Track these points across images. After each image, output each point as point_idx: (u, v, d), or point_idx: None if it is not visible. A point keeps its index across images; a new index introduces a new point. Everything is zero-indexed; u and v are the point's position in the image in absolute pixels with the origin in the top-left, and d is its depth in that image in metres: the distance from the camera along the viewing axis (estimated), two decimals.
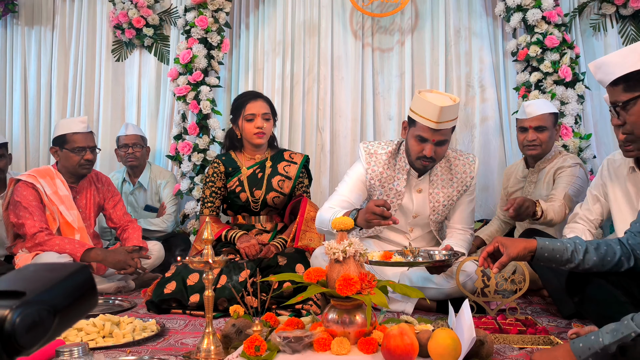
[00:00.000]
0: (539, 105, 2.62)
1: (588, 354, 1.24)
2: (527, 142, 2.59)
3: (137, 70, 3.84)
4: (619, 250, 1.50)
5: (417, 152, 2.18)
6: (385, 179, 2.31)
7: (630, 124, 1.33)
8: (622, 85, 1.32)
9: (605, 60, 1.36)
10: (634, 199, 2.08)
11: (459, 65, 3.58)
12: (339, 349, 1.36)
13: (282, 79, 3.66)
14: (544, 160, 2.65)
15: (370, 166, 2.31)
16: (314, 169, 3.59)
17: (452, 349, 1.30)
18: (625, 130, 1.36)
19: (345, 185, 2.33)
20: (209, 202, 2.60)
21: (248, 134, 2.57)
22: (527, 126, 2.59)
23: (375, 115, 3.64)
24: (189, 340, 1.78)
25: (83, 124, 2.74)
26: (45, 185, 2.65)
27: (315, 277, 1.48)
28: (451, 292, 2.18)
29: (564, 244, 1.53)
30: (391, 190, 2.31)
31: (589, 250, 1.51)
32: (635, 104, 1.30)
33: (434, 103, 2.05)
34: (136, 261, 2.58)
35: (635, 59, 1.29)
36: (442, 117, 2.06)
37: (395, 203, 2.32)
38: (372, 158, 2.31)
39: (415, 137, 2.16)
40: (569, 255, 1.51)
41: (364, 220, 2.01)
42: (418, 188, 2.32)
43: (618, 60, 1.33)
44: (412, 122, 2.18)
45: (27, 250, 2.58)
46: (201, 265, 1.54)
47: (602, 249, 1.51)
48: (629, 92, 1.31)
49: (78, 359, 1.24)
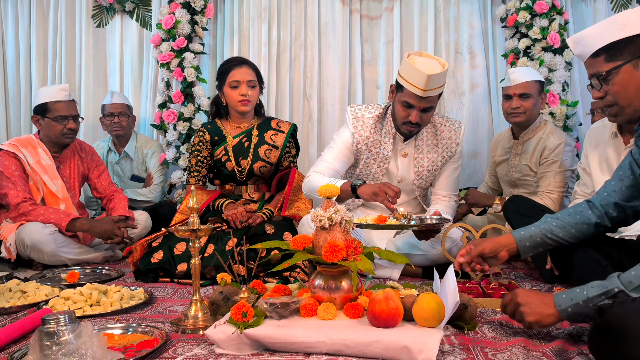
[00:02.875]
0: (523, 72, 2.59)
1: (569, 304, 1.26)
2: (510, 109, 2.58)
3: (118, 37, 3.74)
4: (592, 216, 1.52)
5: (403, 118, 2.18)
6: (372, 143, 2.31)
7: (613, 94, 1.33)
8: (603, 56, 1.32)
9: (584, 34, 1.37)
10: (614, 164, 2.11)
11: (447, 32, 3.54)
12: (325, 314, 1.38)
13: (268, 46, 3.59)
14: (528, 131, 2.64)
15: (357, 130, 2.30)
16: (302, 137, 3.56)
17: (435, 313, 1.33)
18: (607, 102, 1.36)
19: (331, 151, 2.33)
20: (195, 171, 2.58)
21: (232, 101, 2.53)
22: (511, 93, 2.57)
23: (363, 84, 3.60)
24: (177, 308, 1.79)
25: (65, 92, 2.68)
26: (27, 155, 2.61)
27: (302, 244, 1.48)
28: (437, 258, 2.21)
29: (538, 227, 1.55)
30: (378, 154, 2.32)
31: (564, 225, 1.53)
32: (617, 73, 1.30)
33: (422, 71, 2.04)
34: (123, 231, 2.57)
35: (614, 29, 1.30)
36: (429, 84, 2.05)
37: (382, 167, 2.33)
38: (359, 122, 2.31)
39: (402, 102, 2.16)
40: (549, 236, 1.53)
41: (370, 191, 2.02)
42: (403, 152, 2.33)
43: (597, 32, 1.33)
44: (400, 87, 2.17)
45: (12, 220, 2.55)
46: (187, 233, 1.53)
47: (575, 218, 1.53)
48: (611, 62, 1.31)
49: (64, 327, 1.24)
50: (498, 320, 1.56)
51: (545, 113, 3.13)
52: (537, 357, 1.27)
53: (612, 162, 2.12)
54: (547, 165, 2.54)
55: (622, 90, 1.31)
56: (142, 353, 1.30)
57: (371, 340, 1.27)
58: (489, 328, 1.49)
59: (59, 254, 2.47)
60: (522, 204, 2.30)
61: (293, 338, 1.30)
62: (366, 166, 2.35)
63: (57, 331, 1.23)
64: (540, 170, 2.58)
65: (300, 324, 1.35)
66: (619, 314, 1.10)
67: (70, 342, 1.22)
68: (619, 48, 1.29)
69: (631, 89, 1.30)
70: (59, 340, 1.22)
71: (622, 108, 1.33)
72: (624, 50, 1.29)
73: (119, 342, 1.40)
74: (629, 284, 1.19)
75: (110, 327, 1.50)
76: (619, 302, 1.13)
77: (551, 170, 2.53)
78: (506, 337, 1.42)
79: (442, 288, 1.51)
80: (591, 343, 1.18)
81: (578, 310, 1.25)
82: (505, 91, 2.61)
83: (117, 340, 1.42)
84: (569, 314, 1.27)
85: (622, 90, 1.31)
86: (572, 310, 1.26)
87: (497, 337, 1.42)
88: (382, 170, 2.34)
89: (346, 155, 2.33)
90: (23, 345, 1.40)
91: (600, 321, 1.14)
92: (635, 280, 1.18)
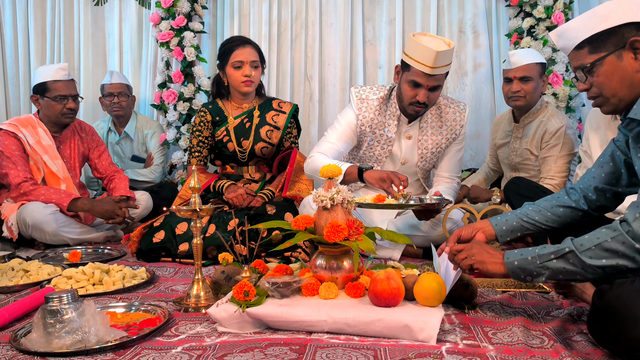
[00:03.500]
0: (524, 54, 2.52)
1: (517, 257, 1.29)
2: (511, 93, 2.52)
3: (117, 15, 3.69)
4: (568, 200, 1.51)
5: (410, 98, 2.15)
6: (376, 125, 2.29)
7: (598, 85, 1.32)
8: (587, 48, 1.32)
9: (567, 27, 1.38)
10: None
11: (451, 10, 3.49)
12: (326, 294, 1.39)
13: (269, 25, 3.54)
14: (528, 115, 2.59)
15: (362, 112, 2.27)
16: (303, 118, 3.54)
17: (437, 292, 1.33)
18: (592, 94, 1.36)
19: (335, 132, 2.31)
20: (196, 151, 2.57)
21: (235, 81, 2.51)
22: (511, 76, 2.51)
23: (364, 63, 3.56)
24: (179, 287, 1.80)
25: (64, 71, 2.65)
26: (27, 135, 2.60)
27: (304, 225, 1.48)
28: (437, 239, 2.21)
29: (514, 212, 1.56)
30: (382, 136, 2.30)
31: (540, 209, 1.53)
32: (602, 64, 1.30)
33: (430, 47, 2.00)
34: (124, 211, 2.58)
35: (597, 21, 1.30)
36: (437, 62, 2.02)
37: (386, 149, 2.32)
38: (363, 104, 2.28)
39: (409, 82, 2.12)
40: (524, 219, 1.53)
41: (378, 176, 2.02)
42: (407, 134, 2.31)
43: (580, 24, 1.33)
44: (406, 67, 2.13)
45: (13, 200, 2.56)
46: (189, 213, 1.53)
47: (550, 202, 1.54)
48: (595, 54, 1.31)
49: (67, 305, 1.25)
50: (498, 300, 1.57)
51: (549, 94, 3.10)
52: (537, 336, 1.28)
53: None
54: (548, 149, 2.52)
55: (607, 82, 1.31)
56: (145, 331, 1.31)
57: (372, 319, 1.28)
58: (489, 307, 1.50)
59: (60, 233, 2.47)
60: (524, 185, 2.30)
61: (295, 317, 1.31)
62: (370, 148, 2.34)
63: (60, 309, 1.24)
64: (541, 155, 2.56)
65: (302, 303, 1.36)
66: (618, 295, 1.11)
67: (73, 320, 1.23)
68: (602, 39, 1.29)
69: (615, 79, 1.30)
70: (62, 318, 1.23)
71: (607, 99, 1.33)
72: (607, 41, 1.29)
73: (121, 321, 1.41)
74: (580, 245, 1.20)
75: (113, 306, 1.51)
76: (619, 283, 1.14)
77: (552, 154, 2.51)
78: (506, 316, 1.43)
79: (441, 262, 1.52)
80: (590, 324, 1.20)
81: (524, 265, 1.27)
82: (506, 74, 2.56)
83: (120, 318, 1.43)
84: (514, 267, 1.28)
85: (607, 81, 1.31)
86: (518, 264, 1.28)
87: (497, 317, 1.43)
88: (386, 153, 2.32)
89: (349, 137, 2.31)
90: (26, 323, 1.41)
91: (599, 302, 1.15)
92: (587, 243, 1.20)
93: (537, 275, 1.26)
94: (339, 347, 1.23)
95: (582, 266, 1.20)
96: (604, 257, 1.17)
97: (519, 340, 1.25)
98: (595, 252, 1.18)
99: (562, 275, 1.23)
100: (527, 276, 1.27)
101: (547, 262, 1.24)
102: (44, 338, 1.22)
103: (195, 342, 1.27)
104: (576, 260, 1.20)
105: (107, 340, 1.24)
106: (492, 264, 1.33)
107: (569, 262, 1.21)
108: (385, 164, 2.37)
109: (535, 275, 1.26)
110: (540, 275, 1.25)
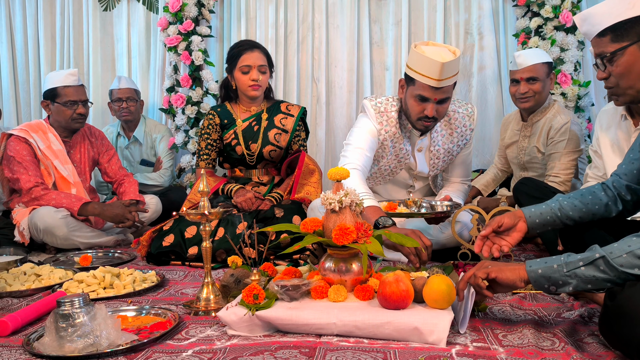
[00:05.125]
0: (530, 55, 2.50)
1: (541, 265, 1.21)
2: (519, 94, 2.50)
3: (125, 20, 3.72)
4: (604, 197, 1.48)
5: (418, 113, 2.02)
6: (397, 139, 2.16)
7: (616, 75, 1.29)
8: (609, 36, 1.28)
9: (592, 12, 1.32)
10: (624, 147, 2.08)
11: (457, 12, 3.48)
12: (335, 296, 1.39)
13: (275, 28, 3.56)
14: (537, 113, 2.58)
15: (383, 126, 2.12)
16: (310, 121, 3.55)
17: (446, 295, 1.33)
18: (610, 84, 1.33)
19: (360, 139, 2.08)
20: (205, 154, 2.58)
21: (243, 86, 2.52)
22: (518, 78, 2.49)
23: (371, 65, 3.56)
24: (189, 291, 1.81)
25: (74, 76, 2.68)
26: (38, 140, 2.62)
27: (312, 227, 1.48)
28: (446, 242, 2.20)
29: (549, 205, 1.50)
30: (401, 150, 2.20)
31: (575, 204, 1.49)
32: (622, 54, 1.27)
33: (434, 59, 1.87)
34: (134, 214, 2.59)
35: (622, 8, 1.25)
36: (444, 73, 1.89)
37: (403, 162, 2.25)
38: (383, 117, 2.13)
39: (415, 96, 1.99)
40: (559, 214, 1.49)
41: None
42: (419, 147, 2.24)
43: (605, 10, 1.28)
44: (411, 80, 1.99)
45: (24, 205, 2.58)
46: (198, 217, 1.54)
47: (586, 198, 1.50)
48: (617, 42, 1.27)
49: (79, 309, 1.26)
50: (508, 302, 1.56)
51: (557, 93, 3.09)
52: (548, 337, 1.28)
53: (623, 144, 2.09)
54: (553, 146, 2.50)
55: (626, 73, 1.27)
56: (156, 334, 1.32)
57: (382, 322, 1.28)
58: (499, 310, 1.50)
59: (71, 237, 2.49)
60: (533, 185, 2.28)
61: (304, 320, 1.31)
62: (387, 162, 2.24)
63: (72, 313, 1.25)
64: (547, 151, 2.54)
65: (311, 305, 1.36)
66: (630, 297, 1.10)
67: (85, 324, 1.25)
68: (625, 28, 1.25)
69: (635, 71, 1.26)
70: (74, 322, 1.24)
71: (624, 90, 1.30)
72: (630, 30, 1.25)
73: (132, 324, 1.42)
74: (610, 253, 1.14)
75: (124, 310, 1.52)
76: (630, 284, 1.13)
77: (557, 151, 2.49)
78: (516, 318, 1.43)
79: None
80: (602, 325, 1.19)
81: (548, 274, 1.18)
82: (512, 75, 2.54)
83: (130, 322, 1.44)
84: (537, 276, 1.20)
85: (626, 72, 1.27)
86: (542, 272, 1.19)
87: (507, 319, 1.42)
88: (402, 166, 2.25)
89: (374, 144, 2.12)
90: (39, 327, 1.42)
91: (611, 304, 1.14)
92: (617, 251, 1.13)
93: (563, 284, 1.17)
94: (348, 350, 1.23)
95: (614, 273, 1.12)
96: (637, 265, 1.11)
97: (530, 342, 1.25)
98: (627, 259, 1.12)
99: (591, 285, 1.15)
100: (551, 286, 1.19)
101: (575, 270, 1.15)
102: (56, 342, 1.23)
103: (205, 345, 1.28)
104: (607, 266, 1.13)
105: (119, 344, 1.25)
106: (510, 271, 1.24)
107: (599, 269, 1.14)
108: (400, 175, 2.33)
109: (561, 285, 1.18)
110: (567, 284, 1.17)
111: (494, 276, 1.26)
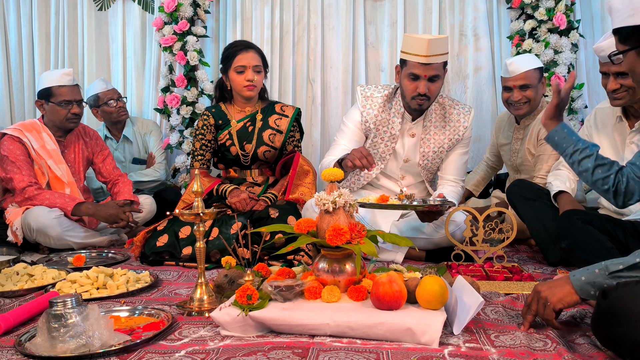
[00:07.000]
0: (521, 62, 2.50)
1: (584, 273, 1.24)
2: (513, 101, 2.51)
3: (121, 20, 3.71)
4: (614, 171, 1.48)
5: (412, 91, 2.19)
6: (380, 122, 2.34)
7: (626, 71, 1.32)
8: (617, 36, 1.31)
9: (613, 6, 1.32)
10: (620, 148, 2.10)
11: (452, 13, 3.50)
12: (329, 297, 1.39)
13: (271, 29, 3.56)
14: (529, 117, 2.59)
15: (366, 109, 2.34)
16: (305, 121, 3.55)
17: (439, 295, 1.33)
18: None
19: (343, 135, 2.39)
20: (199, 154, 2.58)
21: (238, 86, 2.52)
22: (511, 85, 2.49)
23: (367, 66, 3.57)
24: (183, 291, 1.81)
25: (69, 76, 2.67)
26: (32, 140, 2.61)
27: (306, 228, 1.49)
28: (440, 241, 2.22)
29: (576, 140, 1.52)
30: (385, 133, 2.35)
31: (591, 157, 1.49)
32: (625, 56, 1.29)
33: (421, 37, 2.10)
34: (128, 215, 2.59)
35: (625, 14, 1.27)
36: (431, 50, 2.08)
37: (390, 146, 2.36)
38: (367, 101, 2.35)
39: (408, 75, 2.18)
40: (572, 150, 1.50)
41: (348, 158, 2.03)
42: (411, 132, 2.35)
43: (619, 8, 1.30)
44: (404, 63, 2.20)
45: (17, 204, 2.57)
46: (192, 217, 1.54)
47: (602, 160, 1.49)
48: (621, 44, 1.30)
49: (72, 309, 1.25)
50: (501, 302, 1.57)
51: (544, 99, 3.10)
52: (540, 339, 1.28)
53: (618, 145, 2.11)
54: (542, 147, 2.51)
55: (631, 73, 1.30)
56: (149, 335, 1.32)
57: (375, 322, 1.28)
58: (492, 310, 1.50)
59: (64, 237, 2.49)
60: (525, 187, 2.30)
61: (297, 320, 1.32)
62: (373, 145, 2.38)
63: (65, 314, 1.24)
64: (537, 152, 2.55)
65: (304, 306, 1.36)
66: (623, 296, 1.11)
67: (77, 324, 1.24)
68: (627, 34, 1.28)
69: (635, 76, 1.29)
70: (66, 322, 1.24)
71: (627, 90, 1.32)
72: (631, 36, 1.27)
73: (125, 325, 1.42)
74: None
75: (117, 310, 1.52)
76: (623, 284, 1.14)
77: (545, 153, 2.49)
78: (509, 319, 1.43)
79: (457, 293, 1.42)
80: (594, 325, 1.19)
81: (592, 279, 1.22)
82: (505, 82, 2.54)
83: (123, 322, 1.44)
84: (582, 283, 1.23)
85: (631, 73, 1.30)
86: (586, 279, 1.23)
87: (500, 320, 1.43)
88: (389, 150, 2.37)
89: (358, 135, 2.38)
90: (31, 327, 1.42)
91: (604, 303, 1.15)
92: None
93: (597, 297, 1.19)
94: (341, 351, 1.23)
95: None
96: None
97: (522, 343, 1.25)
98: None
99: None
100: (596, 291, 1.22)
101: (618, 273, 1.19)
102: (48, 342, 1.23)
103: (198, 346, 1.28)
104: None
105: (111, 345, 1.25)
106: (559, 288, 1.27)
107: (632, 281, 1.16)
108: (389, 161, 2.39)
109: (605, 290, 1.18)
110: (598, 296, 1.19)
111: (550, 301, 1.27)
